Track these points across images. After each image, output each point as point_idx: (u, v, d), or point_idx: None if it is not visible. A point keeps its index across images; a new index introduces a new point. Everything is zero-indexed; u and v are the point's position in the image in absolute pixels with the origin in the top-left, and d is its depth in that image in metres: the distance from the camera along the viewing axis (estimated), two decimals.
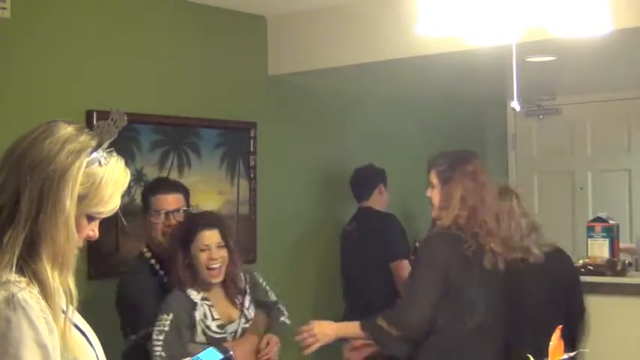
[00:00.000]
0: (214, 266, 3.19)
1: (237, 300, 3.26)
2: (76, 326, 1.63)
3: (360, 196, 5.22)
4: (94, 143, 1.62)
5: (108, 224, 4.46)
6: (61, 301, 1.58)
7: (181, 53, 4.63)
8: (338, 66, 4.86)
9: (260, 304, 3.38)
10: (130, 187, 4.26)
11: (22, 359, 1.48)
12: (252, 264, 4.54)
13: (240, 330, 3.22)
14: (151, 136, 4.46)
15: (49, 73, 4.03)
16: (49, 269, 1.55)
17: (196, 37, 4.70)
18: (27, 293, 1.52)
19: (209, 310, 3.16)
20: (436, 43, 3.66)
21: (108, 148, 1.64)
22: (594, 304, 3.93)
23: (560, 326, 2.01)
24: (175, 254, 3.22)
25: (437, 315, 3.10)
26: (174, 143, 4.56)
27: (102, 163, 1.62)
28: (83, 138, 1.62)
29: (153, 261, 3.47)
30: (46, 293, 1.54)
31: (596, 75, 5.52)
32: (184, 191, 3.61)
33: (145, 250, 3.54)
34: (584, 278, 3.87)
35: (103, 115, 1.69)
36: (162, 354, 3.03)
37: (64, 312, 1.57)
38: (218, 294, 3.25)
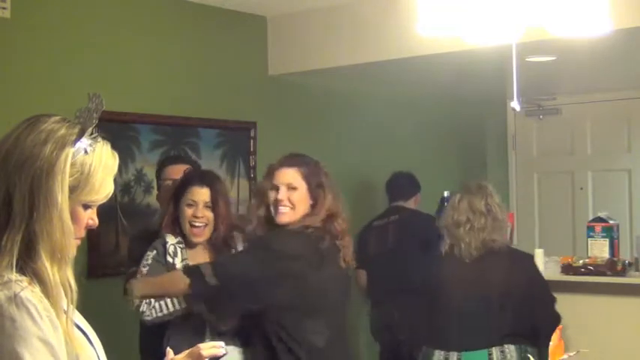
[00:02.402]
0: (197, 224, 3.14)
1: None
2: (77, 326, 1.63)
3: (399, 196, 5.26)
4: (76, 132, 1.60)
5: (108, 224, 4.47)
6: (62, 300, 1.58)
7: (181, 53, 4.63)
8: (338, 66, 4.87)
9: None
10: (130, 187, 4.32)
11: (28, 358, 1.48)
12: None
13: None
14: (151, 136, 4.47)
15: (49, 73, 4.03)
16: (48, 266, 1.55)
17: (196, 37, 4.70)
18: (29, 292, 1.52)
19: (180, 250, 3.14)
20: (436, 43, 3.66)
21: (92, 134, 1.62)
22: (594, 304, 3.92)
23: (560, 326, 2.01)
24: (167, 207, 3.22)
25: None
26: (174, 143, 4.56)
27: (88, 151, 1.60)
28: (65, 129, 1.60)
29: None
30: (47, 292, 1.54)
31: (596, 75, 5.52)
32: (194, 163, 3.65)
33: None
34: (584, 278, 3.87)
35: (103, 116, 1.68)
36: None
37: (65, 311, 1.57)
38: (200, 255, 3.18)
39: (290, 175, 3.03)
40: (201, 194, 3.14)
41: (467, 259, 3.58)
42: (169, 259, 3.12)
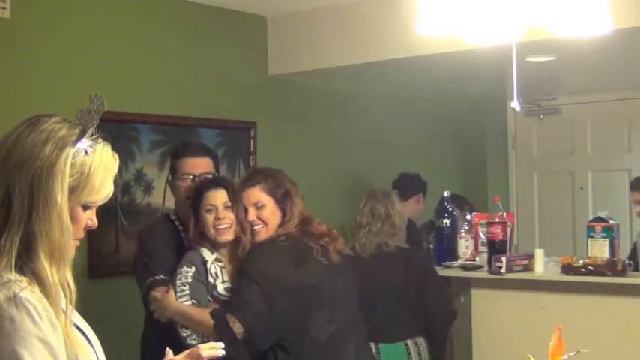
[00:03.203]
0: (221, 227, 3.11)
1: None
2: (76, 326, 1.63)
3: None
4: (77, 133, 1.60)
5: (108, 224, 4.45)
6: (61, 300, 1.58)
7: (181, 53, 4.63)
8: (338, 66, 4.87)
9: None
10: (130, 187, 4.33)
11: (28, 357, 1.48)
12: None
13: None
14: (151, 136, 4.47)
15: (49, 73, 4.03)
16: (47, 266, 1.55)
17: (196, 37, 4.70)
18: (29, 292, 1.52)
19: (220, 270, 3.11)
20: (436, 43, 3.66)
21: (92, 135, 1.62)
22: (594, 304, 3.92)
23: (560, 326, 2.01)
24: (189, 218, 3.19)
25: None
26: (174, 143, 4.55)
27: (88, 152, 1.60)
28: (66, 129, 1.60)
29: (177, 223, 3.36)
30: (47, 292, 1.54)
31: (596, 75, 5.52)
32: (212, 155, 3.47)
33: (172, 214, 3.42)
34: (584, 278, 3.86)
35: (103, 116, 1.68)
36: (193, 301, 3.03)
37: (63, 311, 1.57)
38: (231, 255, 3.17)
39: (254, 195, 3.10)
40: (218, 197, 3.13)
41: (364, 256, 3.92)
42: (211, 279, 3.08)
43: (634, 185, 5.02)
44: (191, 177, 3.33)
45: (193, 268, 3.08)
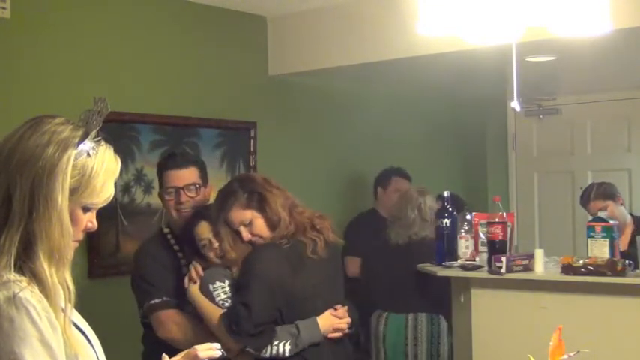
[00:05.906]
0: (212, 258, 3.13)
1: None
2: (76, 325, 1.63)
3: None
4: (80, 135, 1.61)
5: (108, 224, 4.44)
6: (61, 300, 1.58)
7: (181, 53, 4.64)
8: (338, 66, 4.87)
9: None
10: (130, 187, 4.33)
11: (28, 358, 1.48)
12: None
13: None
14: (151, 136, 4.47)
15: (49, 73, 4.03)
16: (46, 266, 1.55)
17: (196, 37, 4.71)
18: (28, 292, 1.52)
19: None
20: (436, 43, 3.66)
21: (95, 137, 1.62)
22: (594, 304, 3.92)
23: (560, 326, 2.01)
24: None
25: None
26: (174, 143, 4.56)
27: (90, 154, 1.61)
28: (69, 131, 1.61)
29: (170, 236, 3.30)
30: (46, 292, 1.54)
31: (596, 75, 5.53)
32: (197, 164, 3.35)
33: (165, 227, 3.36)
34: (584, 278, 3.86)
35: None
36: None
37: (63, 310, 1.57)
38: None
39: (238, 215, 3.03)
40: (204, 229, 3.11)
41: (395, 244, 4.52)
42: None
43: (595, 196, 4.84)
44: (174, 190, 3.25)
45: (227, 281, 3.08)
